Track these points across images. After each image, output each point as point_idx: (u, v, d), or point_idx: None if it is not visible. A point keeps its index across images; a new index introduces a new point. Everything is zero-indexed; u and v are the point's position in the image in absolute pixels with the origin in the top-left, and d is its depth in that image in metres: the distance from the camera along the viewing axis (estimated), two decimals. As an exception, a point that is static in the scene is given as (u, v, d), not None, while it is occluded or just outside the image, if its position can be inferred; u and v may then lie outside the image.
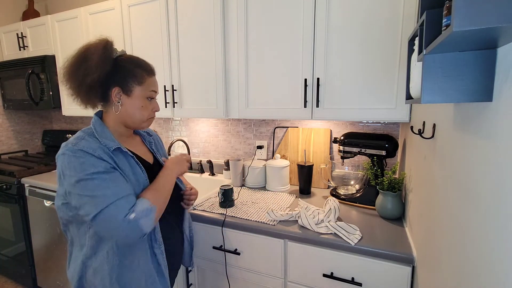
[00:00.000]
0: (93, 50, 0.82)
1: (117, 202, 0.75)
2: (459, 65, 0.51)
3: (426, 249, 0.82)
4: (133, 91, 0.86)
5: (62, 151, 0.78)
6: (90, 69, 0.80)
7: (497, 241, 0.44)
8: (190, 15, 1.53)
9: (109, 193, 0.75)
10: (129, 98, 0.87)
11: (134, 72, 0.86)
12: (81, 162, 0.76)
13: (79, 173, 0.75)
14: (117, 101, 0.86)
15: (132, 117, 0.88)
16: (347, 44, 1.23)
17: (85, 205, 0.75)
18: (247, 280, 1.24)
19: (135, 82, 0.86)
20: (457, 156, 0.62)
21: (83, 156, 0.76)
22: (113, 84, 0.85)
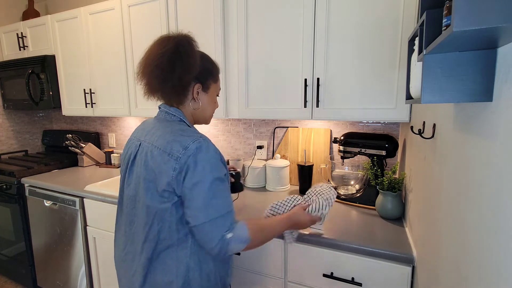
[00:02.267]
0: (186, 45, 0.80)
1: (225, 215, 0.76)
2: (459, 65, 0.51)
3: (426, 249, 0.82)
4: (210, 88, 0.89)
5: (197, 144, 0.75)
6: (188, 67, 0.80)
7: (497, 241, 0.44)
8: (190, 15, 1.53)
9: (220, 205, 0.76)
10: (206, 94, 0.89)
11: (211, 69, 0.89)
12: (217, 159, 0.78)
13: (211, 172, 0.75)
14: (197, 98, 0.87)
15: (206, 112, 0.91)
16: (347, 44, 1.23)
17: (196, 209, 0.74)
18: (247, 280, 1.24)
19: (212, 79, 0.89)
20: (457, 156, 0.62)
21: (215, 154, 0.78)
22: (194, 81, 0.85)
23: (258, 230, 0.82)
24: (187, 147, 0.75)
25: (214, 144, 0.83)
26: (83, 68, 1.97)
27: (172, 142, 0.76)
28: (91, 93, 1.96)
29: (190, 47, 0.81)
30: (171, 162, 0.75)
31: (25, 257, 2.04)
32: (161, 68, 0.79)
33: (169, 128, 0.81)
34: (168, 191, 0.76)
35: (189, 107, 0.87)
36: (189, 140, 0.76)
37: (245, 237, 0.77)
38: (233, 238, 0.75)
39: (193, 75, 0.82)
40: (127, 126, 2.33)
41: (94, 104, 1.98)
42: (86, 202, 1.67)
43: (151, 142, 0.80)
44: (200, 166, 0.74)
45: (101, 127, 2.48)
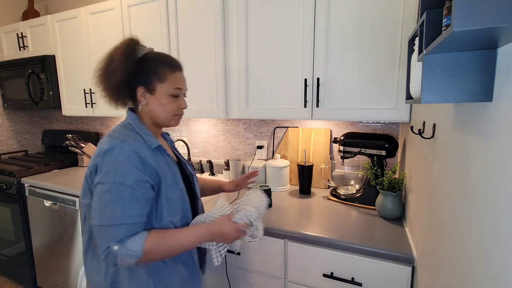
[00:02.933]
0: (117, 51, 0.82)
1: (118, 226, 0.73)
2: (459, 65, 0.51)
3: (426, 249, 0.82)
4: (156, 89, 0.85)
5: (110, 145, 0.75)
6: (115, 70, 0.81)
7: (497, 241, 0.44)
8: (190, 15, 1.53)
9: (116, 213, 0.73)
10: (153, 96, 0.85)
11: (156, 69, 0.84)
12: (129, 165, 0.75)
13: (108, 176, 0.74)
14: (143, 100, 0.86)
15: (159, 114, 0.87)
16: (347, 44, 1.23)
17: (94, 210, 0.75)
18: (247, 280, 1.24)
19: (157, 80, 0.85)
20: (457, 156, 0.62)
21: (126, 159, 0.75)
22: (138, 84, 0.85)
23: (160, 243, 0.77)
24: (101, 147, 0.77)
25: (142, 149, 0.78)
26: (83, 68, 1.97)
27: (100, 143, 0.81)
28: (91, 93, 1.96)
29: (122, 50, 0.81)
30: (92, 161, 0.79)
31: (25, 257, 2.04)
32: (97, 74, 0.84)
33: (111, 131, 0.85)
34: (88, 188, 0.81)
35: (143, 110, 0.87)
36: (107, 141, 0.78)
37: (136, 251, 0.73)
38: (120, 252, 0.72)
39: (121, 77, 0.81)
40: (127, 126, 2.32)
41: (94, 104, 1.98)
42: (86, 202, 1.67)
43: None
44: (105, 167, 0.75)
45: (101, 127, 2.48)
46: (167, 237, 0.79)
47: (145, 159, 0.78)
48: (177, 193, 0.85)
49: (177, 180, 0.87)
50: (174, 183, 0.85)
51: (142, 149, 0.78)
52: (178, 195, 0.86)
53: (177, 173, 0.88)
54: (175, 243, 0.79)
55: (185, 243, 0.81)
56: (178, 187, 0.86)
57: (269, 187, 1.36)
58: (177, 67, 0.88)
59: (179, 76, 0.88)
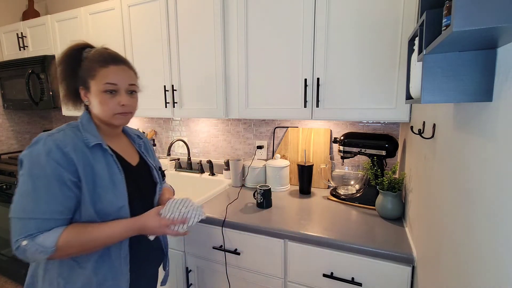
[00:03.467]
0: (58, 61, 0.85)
1: (28, 220, 0.71)
2: (459, 65, 0.51)
3: (426, 249, 0.82)
4: (90, 87, 0.82)
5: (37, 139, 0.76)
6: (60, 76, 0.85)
7: (497, 241, 0.44)
8: (190, 15, 1.53)
9: (29, 206, 0.71)
10: (91, 94, 0.83)
11: (88, 67, 0.82)
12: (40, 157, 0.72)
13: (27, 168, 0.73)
14: (86, 100, 0.85)
15: (98, 113, 0.83)
16: (347, 44, 1.23)
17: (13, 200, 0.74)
18: (247, 280, 1.24)
19: (89, 77, 0.82)
20: (457, 156, 0.62)
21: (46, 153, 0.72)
22: (78, 85, 0.85)
23: (78, 237, 0.74)
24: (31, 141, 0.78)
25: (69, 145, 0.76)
26: (83, 68, 1.96)
27: None
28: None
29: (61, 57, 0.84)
30: None
31: (25, 257, 2.04)
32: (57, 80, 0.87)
33: None
34: None
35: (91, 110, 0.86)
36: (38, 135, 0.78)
37: (47, 246, 0.70)
38: (29, 247, 0.70)
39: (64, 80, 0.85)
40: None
41: (94, 104, 1.97)
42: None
43: None
44: (25, 160, 0.74)
45: (101, 127, 2.48)
46: (86, 231, 0.75)
47: (69, 154, 0.74)
48: (112, 196, 0.80)
49: (115, 183, 0.81)
50: (110, 185, 0.80)
51: (69, 145, 0.76)
52: (112, 198, 0.80)
53: (119, 175, 0.82)
54: (95, 237, 0.76)
55: (108, 237, 0.77)
56: (116, 190, 0.80)
57: (269, 187, 1.36)
58: (110, 62, 0.82)
59: (112, 71, 0.81)
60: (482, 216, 0.49)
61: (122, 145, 0.93)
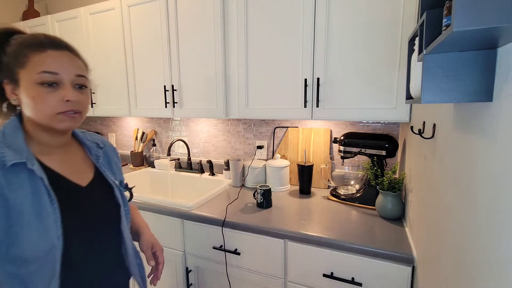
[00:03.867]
0: None
1: None
2: (459, 65, 0.51)
3: (426, 249, 0.82)
4: (19, 79, 0.61)
5: None
6: None
7: (497, 241, 0.44)
8: (190, 15, 1.53)
9: None
10: (20, 90, 0.61)
11: (17, 53, 0.61)
12: None
13: None
14: (14, 98, 0.63)
15: (31, 113, 0.62)
16: (347, 44, 1.23)
17: None
18: (247, 280, 1.24)
19: (17, 66, 0.61)
20: (457, 156, 0.62)
21: None
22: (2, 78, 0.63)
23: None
24: None
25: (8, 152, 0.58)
26: (83, 68, 1.96)
27: None
28: (91, 93, 1.96)
29: None
30: None
31: (25, 257, 2.03)
32: None
33: None
34: None
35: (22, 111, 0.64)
36: None
37: None
38: None
39: None
40: (127, 126, 2.33)
41: (94, 104, 1.98)
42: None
43: None
44: None
45: (101, 127, 2.48)
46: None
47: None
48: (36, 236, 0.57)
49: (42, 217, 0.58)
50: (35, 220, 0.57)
51: None
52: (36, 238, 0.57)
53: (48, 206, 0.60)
54: None
55: None
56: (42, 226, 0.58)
57: (269, 187, 1.36)
58: (48, 46, 0.62)
59: (51, 56, 0.61)
60: (482, 216, 0.49)
61: (67, 159, 0.70)
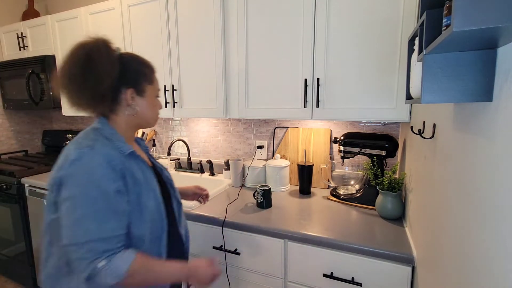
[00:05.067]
0: (97, 52, 0.73)
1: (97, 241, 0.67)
2: (459, 65, 0.51)
3: (426, 249, 0.82)
4: (145, 91, 0.82)
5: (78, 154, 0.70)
6: (102, 75, 0.72)
7: (497, 241, 0.44)
8: (190, 15, 1.53)
9: (94, 228, 0.67)
10: (142, 98, 0.82)
11: (143, 71, 0.82)
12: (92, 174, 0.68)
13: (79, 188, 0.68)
14: (134, 103, 0.81)
15: (147, 116, 0.84)
16: (347, 44, 1.23)
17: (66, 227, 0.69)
18: (247, 280, 1.24)
19: (146, 81, 0.82)
20: (457, 156, 0.62)
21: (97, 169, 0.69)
22: (124, 86, 0.78)
23: (143, 270, 0.72)
24: (67, 157, 0.71)
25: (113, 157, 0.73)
26: (83, 68, 1.96)
27: (65, 151, 0.75)
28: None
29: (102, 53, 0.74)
30: (55, 173, 0.72)
31: (25, 257, 2.04)
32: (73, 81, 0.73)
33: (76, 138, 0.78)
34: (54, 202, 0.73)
35: (123, 114, 0.81)
36: (73, 150, 0.72)
37: (120, 272, 0.68)
38: (105, 268, 0.67)
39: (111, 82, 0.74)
40: (127, 126, 2.32)
41: (94, 104, 1.97)
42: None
43: None
44: (73, 179, 0.68)
45: (101, 127, 2.48)
46: (150, 265, 0.73)
47: (116, 167, 0.72)
48: (152, 201, 0.79)
49: (152, 187, 0.81)
50: (148, 190, 0.79)
51: (113, 156, 0.72)
52: (153, 203, 0.79)
53: (153, 179, 0.83)
54: (156, 275, 0.73)
55: (164, 276, 0.75)
56: (152, 194, 0.80)
57: (269, 187, 1.36)
58: (155, 70, 0.87)
59: (157, 78, 0.88)
60: (482, 216, 0.49)
61: (138, 149, 0.92)
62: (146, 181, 0.80)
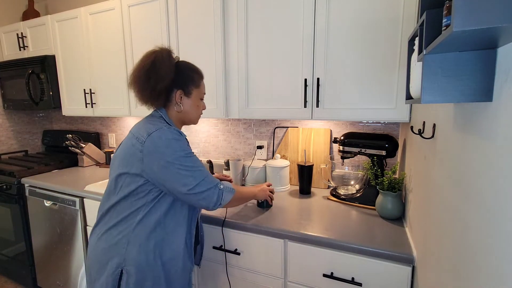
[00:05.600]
0: (160, 60, 0.94)
1: (209, 175, 0.95)
2: (459, 65, 0.51)
3: (426, 249, 0.82)
4: (192, 93, 1.02)
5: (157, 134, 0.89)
6: (161, 78, 0.93)
7: (497, 241, 0.44)
8: (190, 15, 1.53)
9: (203, 169, 0.94)
10: (188, 99, 1.01)
11: (192, 76, 1.01)
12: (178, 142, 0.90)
13: (179, 151, 0.89)
14: (179, 102, 1.00)
15: (191, 115, 1.04)
16: (347, 44, 1.23)
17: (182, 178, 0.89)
18: (247, 280, 1.24)
19: (194, 85, 1.02)
20: (457, 156, 0.62)
21: (179, 138, 0.91)
22: (176, 87, 0.99)
23: (237, 188, 1.06)
24: (150, 133, 0.90)
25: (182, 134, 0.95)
26: (83, 68, 1.97)
27: (142, 129, 0.93)
28: (91, 93, 1.96)
29: (164, 60, 0.94)
30: (138, 145, 0.90)
31: (25, 257, 2.04)
32: (138, 80, 0.95)
33: (147, 121, 0.97)
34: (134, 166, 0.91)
35: (173, 110, 1.02)
36: (153, 128, 0.91)
37: (231, 187, 1.01)
38: (224, 188, 0.98)
39: (167, 83, 0.95)
40: (127, 126, 2.33)
41: (94, 104, 1.98)
42: (86, 202, 1.67)
43: (131, 131, 0.98)
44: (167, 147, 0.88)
45: (101, 127, 2.48)
46: (238, 187, 1.09)
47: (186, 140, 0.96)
48: None
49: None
50: None
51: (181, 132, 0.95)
52: None
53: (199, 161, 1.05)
54: (243, 191, 1.11)
55: (247, 192, 1.15)
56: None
57: None
58: (203, 76, 1.07)
59: (204, 84, 1.08)
60: (482, 216, 0.49)
61: None
62: None
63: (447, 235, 0.65)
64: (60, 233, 1.81)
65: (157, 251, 0.93)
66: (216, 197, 0.94)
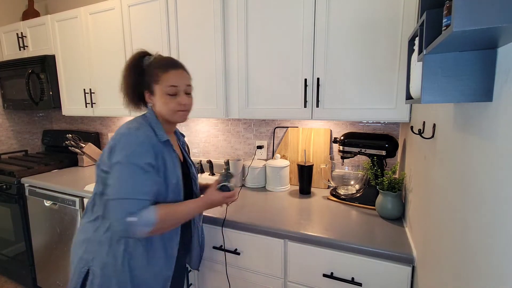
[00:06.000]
0: (126, 66, 0.97)
1: (129, 200, 0.82)
2: (459, 65, 0.51)
3: (426, 249, 0.82)
4: (154, 90, 0.94)
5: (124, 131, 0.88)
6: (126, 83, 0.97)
7: (497, 241, 0.44)
8: (190, 15, 1.53)
9: (130, 189, 0.83)
10: (154, 97, 0.95)
11: (151, 72, 0.94)
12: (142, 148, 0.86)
13: (124, 156, 0.84)
14: (149, 103, 0.98)
15: (163, 112, 0.95)
16: (347, 44, 1.23)
17: (110, 186, 0.84)
18: (247, 280, 1.24)
19: (154, 82, 0.94)
20: (457, 156, 0.62)
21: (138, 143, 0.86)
22: (144, 89, 0.97)
23: (169, 214, 0.88)
24: (119, 132, 0.89)
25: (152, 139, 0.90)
26: (83, 68, 1.97)
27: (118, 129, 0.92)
28: (91, 93, 1.96)
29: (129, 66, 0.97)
30: (109, 142, 0.90)
31: (25, 257, 2.04)
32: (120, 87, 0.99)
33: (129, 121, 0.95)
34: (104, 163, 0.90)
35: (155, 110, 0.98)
36: (124, 127, 0.90)
37: (151, 220, 0.82)
38: (137, 222, 0.81)
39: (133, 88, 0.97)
40: (127, 126, 2.32)
41: (94, 104, 1.98)
42: (86, 202, 1.67)
43: None
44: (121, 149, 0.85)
45: (101, 127, 2.48)
46: (173, 209, 0.90)
47: (154, 146, 0.89)
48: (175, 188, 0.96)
49: (176, 174, 0.96)
50: (174, 172, 0.95)
51: (153, 138, 0.90)
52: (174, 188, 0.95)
53: (178, 168, 0.98)
54: (180, 213, 0.91)
55: (188, 212, 0.93)
56: (177, 183, 0.96)
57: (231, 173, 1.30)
58: (170, 67, 0.94)
59: (173, 75, 0.93)
60: (482, 216, 0.49)
61: (174, 141, 1.07)
62: (173, 169, 0.95)
63: (447, 235, 0.65)
64: (60, 233, 1.81)
65: (126, 255, 0.90)
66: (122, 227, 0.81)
